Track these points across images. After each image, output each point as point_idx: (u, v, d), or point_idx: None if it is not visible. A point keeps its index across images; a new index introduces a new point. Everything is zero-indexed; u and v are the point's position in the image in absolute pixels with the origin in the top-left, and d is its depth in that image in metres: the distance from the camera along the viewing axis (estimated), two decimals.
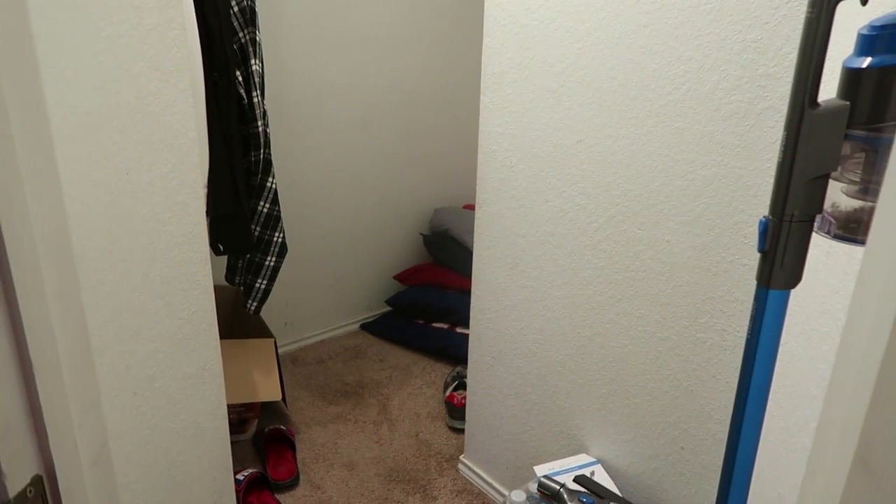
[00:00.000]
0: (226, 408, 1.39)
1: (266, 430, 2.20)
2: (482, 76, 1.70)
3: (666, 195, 1.34)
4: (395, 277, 3.01)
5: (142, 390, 1.10)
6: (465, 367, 2.54)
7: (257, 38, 1.87)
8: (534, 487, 1.56)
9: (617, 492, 1.51)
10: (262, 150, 1.90)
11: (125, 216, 1.02)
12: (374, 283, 3.05)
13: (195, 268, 1.21)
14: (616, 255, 1.48)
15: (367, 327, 3.02)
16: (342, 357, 2.80)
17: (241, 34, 1.80)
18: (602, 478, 1.58)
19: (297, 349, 2.85)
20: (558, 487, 1.49)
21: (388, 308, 3.04)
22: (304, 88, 2.54)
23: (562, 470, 1.60)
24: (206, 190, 1.79)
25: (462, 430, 2.28)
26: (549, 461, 1.71)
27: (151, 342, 1.12)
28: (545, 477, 1.53)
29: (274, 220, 2.00)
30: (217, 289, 2.28)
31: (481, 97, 1.72)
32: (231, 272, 2.12)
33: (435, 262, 3.00)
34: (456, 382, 2.43)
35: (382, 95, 2.77)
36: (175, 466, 1.23)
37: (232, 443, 2.26)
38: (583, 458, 1.64)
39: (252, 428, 2.27)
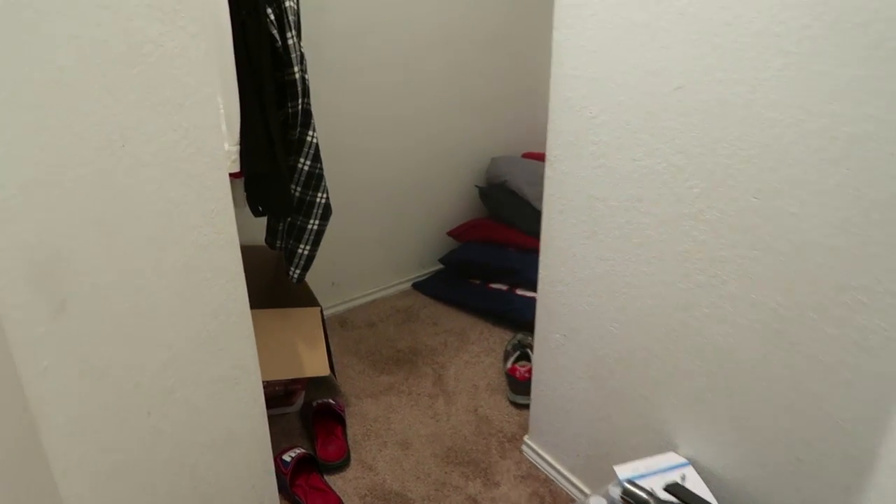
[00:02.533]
0: (263, 406, 1.21)
1: (314, 403, 2.05)
2: (555, 8, 1.41)
3: (795, 157, 1.06)
4: (449, 233, 2.79)
5: (158, 407, 0.93)
6: (527, 335, 2.33)
7: None
8: (615, 492, 1.36)
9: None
10: (300, 100, 1.67)
11: (122, 199, 0.82)
12: (426, 240, 2.83)
13: (219, 252, 1.01)
14: (722, 227, 1.21)
15: (419, 286, 2.82)
16: (393, 320, 2.62)
17: None
18: (694, 482, 1.36)
19: (345, 310, 2.69)
20: (647, 497, 1.28)
21: (440, 266, 2.83)
22: (343, 22, 2.27)
23: (647, 472, 1.38)
24: (238, 147, 1.58)
25: (525, 406, 2.09)
26: (630, 456, 1.50)
27: (167, 349, 0.93)
28: (630, 482, 1.32)
29: (316, 178, 1.79)
30: (256, 250, 2.12)
31: (553, 34, 1.44)
32: (271, 235, 1.93)
33: (492, 216, 2.76)
34: (518, 353, 2.23)
35: (433, 29, 2.48)
36: (204, 483, 1.06)
37: (278, 416, 2.14)
38: (671, 459, 1.42)
39: (299, 400, 2.12)
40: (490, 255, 2.62)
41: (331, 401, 2.06)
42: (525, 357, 2.22)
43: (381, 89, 2.44)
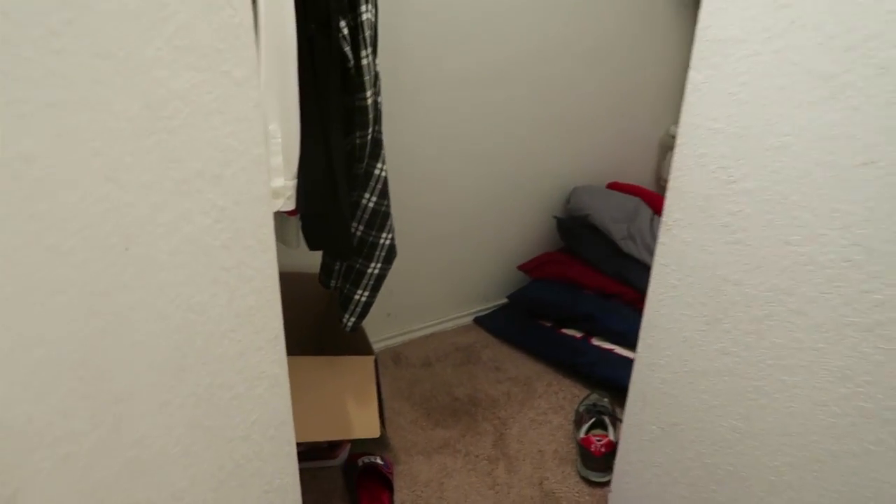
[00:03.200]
0: None
1: (360, 462, 1.82)
2: (696, 41, 1.13)
3: None
4: (520, 268, 2.52)
5: None
6: (603, 396, 2.05)
7: None
8: None
9: None
10: (370, 129, 1.43)
11: (119, 327, 0.59)
12: (493, 272, 2.57)
13: (257, 355, 0.77)
14: None
15: (481, 322, 2.57)
16: (452, 359, 2.37)
17: None
18: None
19: (400, 344, 2.45)
20: None
21: (505, 300, 2.57)
22: (418, 32, 2.02)
23: None
24: (294, 182, 1.35)
25: (599, 485, 1.81)
26: None
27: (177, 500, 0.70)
28: None
29: (382, 217, 1.54)
30: (304, 277, 1.90)
31: (690, 73, 1.15)
32: (326, 274, 1.70)
33: (569, 252, 2.48)
34: (592, 419, 1.95)
35: (520, 44, 2.21)
36: None
37: (319, 469, 1.92)
38: None
39: (344, 453, 1.90)
40: (564, 297, 2.34)
41: (378, 460, 1.83)
42: (600, 425, 1.94)
43: (457, 109, 2.18)
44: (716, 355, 1.23)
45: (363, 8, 1.34)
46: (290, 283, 1.26)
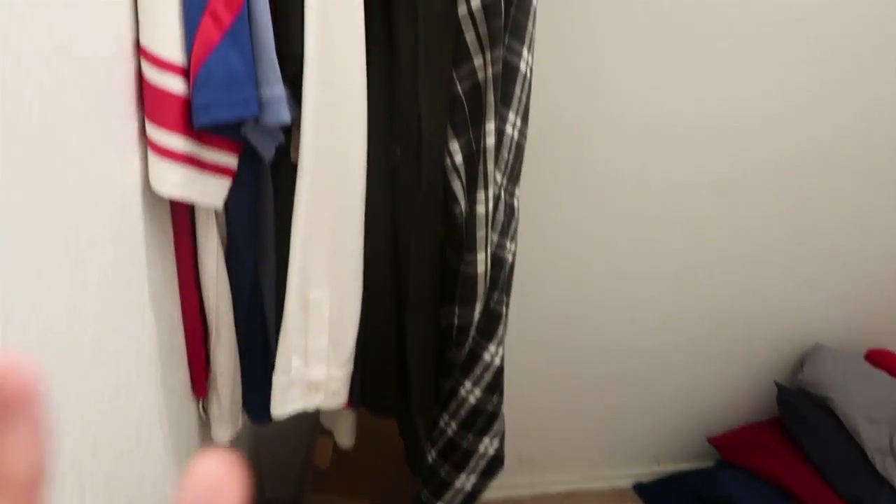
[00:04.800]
0: None
1: None
2: None
3: None
4: (711, 441, 1.83)
5: None
6: None
7: (520, 68, 0.84)
8: None
9: None
10: (477, 304, 0.91)
11: None
12: (670, 430, 1.91)
13: None
14: None
15: (643, 491, 1.92)
16: None
17: (475, 61, 0.79)
18: None
19: (528, 497, 1.90)
20: None
21: (679, 469, 1.90)
22: (612, 134, 1.45)
23: None
24: (346, 372, 0.88)
25: None
26: None
27: None
28: None
29: (485, 419, 1.02)
30: None
31: None
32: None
33: (785, 435, 1.74)
34: None
35: (762, 149, 1.54)
36: None
37: None
38: None
39: None
40: (768, 501, 1.63)
41: None
42: None
43: (652, 222, 1.58)
44: None
45: (493, 124, 0.81)
46: None
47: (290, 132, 0.78)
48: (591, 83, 1.41)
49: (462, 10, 0.76)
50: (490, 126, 0.81)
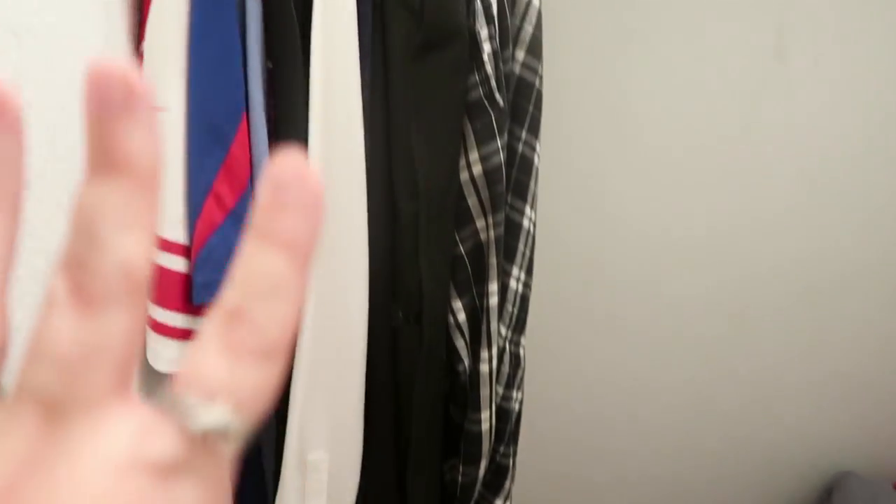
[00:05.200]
0: None
1: None
2: None
3: None
4: None
5: None
6: None
7: (523, 225, 0.85)
8: None
9: None
10: (482, 462, 0.87)
11: None
12: None
13: None
14: None
15: None
16: None
17: (477, 223, 0.79)
18: None
19: None
20: None
21: None
22: (629, 253, 1.45)
23: None
24: None
25: None
26: None
27: None
28: None
29: None
30: None
31: None
32: None
33: None
34: None
35: (775, 265, 1.52)
36: None
37: None
38: None
39: None
40: None
41: None
42: None
43: (669, 339, 1.54)
44: None
45: (496, 284, 0.81)
46: None
47: None
48: (597, 204, 1.42)
49: (464, 175, 0.78)
50: (493, 286, 0.81)
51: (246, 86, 0.66)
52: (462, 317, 0.81)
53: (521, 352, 0.93)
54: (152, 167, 0.14)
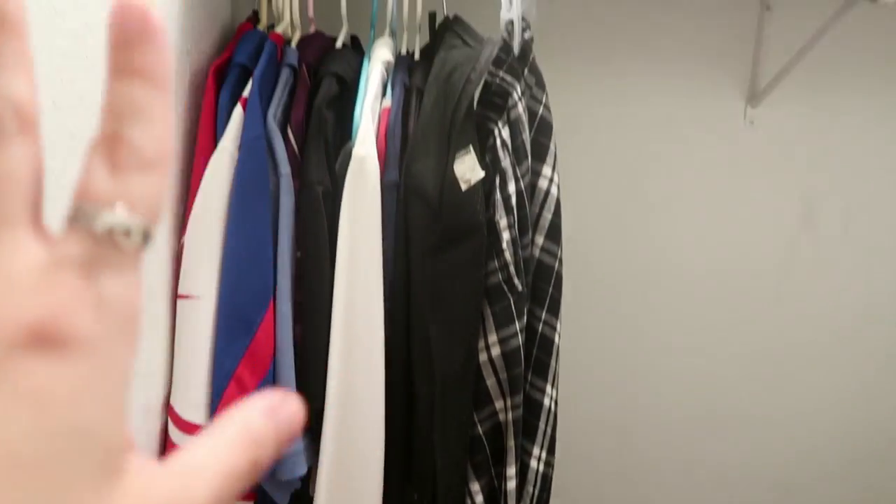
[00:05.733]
0: None
1: None
2: None
3: None
4: None
5: None
6: None
7: (543, 403, 0.84)
8: None
9: None
10: None
11: None
12: None
13: None
14: None
15: None
16: None
17: (496, 404, 0.79)
18: None
19: None
20: None
21: None
22: (671, 370, 1.40)
23: None
24: None
25: None
26: None
27: None
28: None
29: None
30: None
31: None
32: None
33: None
34: None
35: (822, 432, 1.45)
36: None
37: None
38: None
39: None
40: None
41: None
42: None
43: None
44: None
45: (514, 468, 0.80)
46: None
47: (309, 470, 0.78)
48: (630, 379, 1.39)
49: (483, 357, 0.79)
50: (511, 470, 0.79)
51: (275, 274, 0.70)
52: (479, 499, 0.80)
53: None
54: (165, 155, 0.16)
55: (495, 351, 0.79)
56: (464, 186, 0.73)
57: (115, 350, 0.15)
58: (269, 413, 0.18)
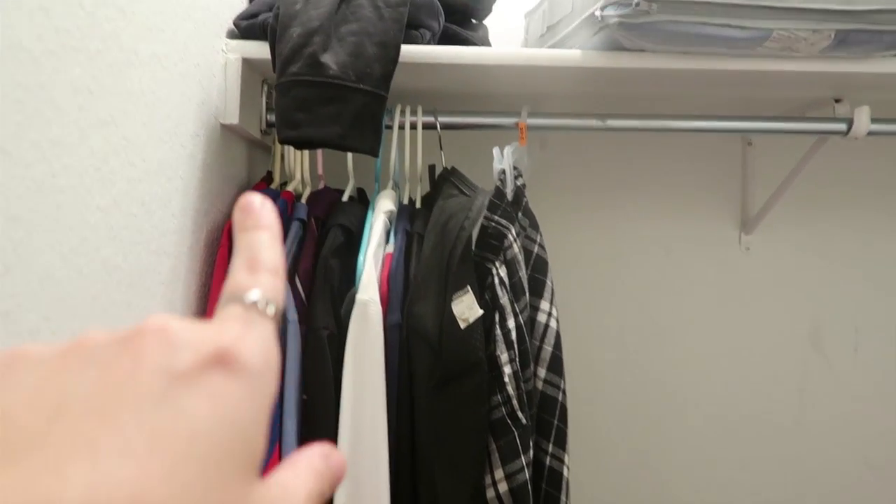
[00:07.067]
0: None
1: None
2: None
3: None
4: None
5: None
6: None
7: None
8: None
9: None
10: None
11: None
12: None
13: None
14: None
15: None
16: None
17: None
18: None
19: None
20: None
21: None
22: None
23: None
24: None
25: None
26: None
27: None
28: None
29: None
30: None
31: None
32: None
33: None
34: None
35: None
36: None
37: None
38: None
39: None
40: None
41: None
42: None
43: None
44: None
45: None
46: None
47: None
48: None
49: (490, 493, 0.78)
50: None
51: (281, 416, 0.73)
52: None
53: None
54: (279, 267, 0.24)
55: (503, 487, 0.78)
56: (463, 325, 0.77)
57: (266, 377, 0.21)
58: (324, 458, 0.23)
